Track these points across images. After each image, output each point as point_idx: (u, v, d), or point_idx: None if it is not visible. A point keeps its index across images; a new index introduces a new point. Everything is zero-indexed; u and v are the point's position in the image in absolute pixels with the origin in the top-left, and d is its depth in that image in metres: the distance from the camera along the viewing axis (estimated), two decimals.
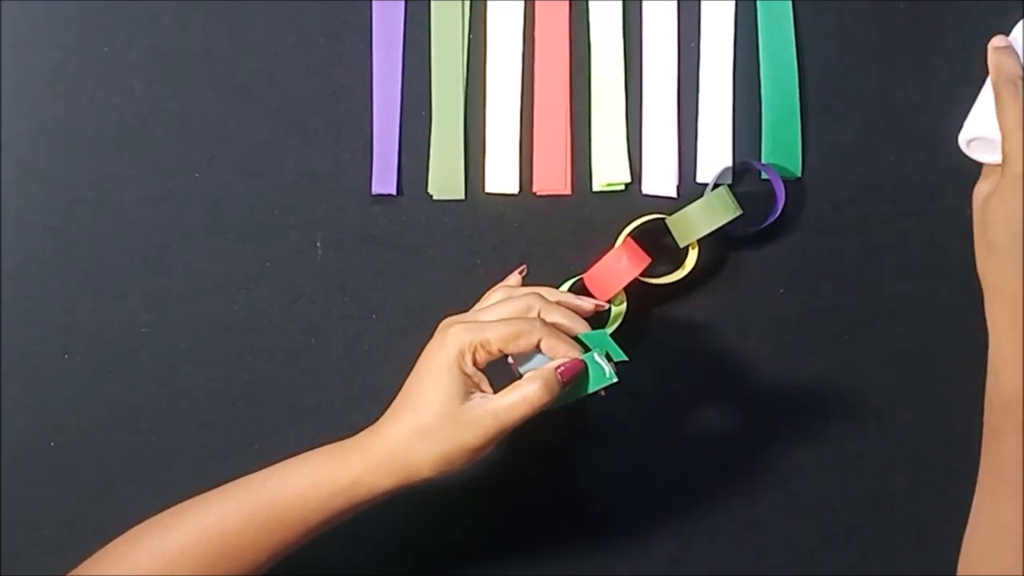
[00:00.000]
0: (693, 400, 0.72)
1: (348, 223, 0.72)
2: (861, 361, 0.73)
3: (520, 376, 0.59)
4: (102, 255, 0.72)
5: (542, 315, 0.60)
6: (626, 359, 0.60)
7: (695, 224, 0.70)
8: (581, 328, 0.61)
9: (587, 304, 0.64)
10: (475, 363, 0.58)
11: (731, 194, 0.70)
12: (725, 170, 0.73)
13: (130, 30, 0.73)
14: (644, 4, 0.74)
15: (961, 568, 0.63)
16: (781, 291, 0.73)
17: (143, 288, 0.72)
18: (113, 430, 0.71)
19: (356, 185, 0.73)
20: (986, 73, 0.68)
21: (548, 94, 0.74)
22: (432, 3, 0.74)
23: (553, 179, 0.73)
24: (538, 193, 0.73)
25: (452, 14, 0.74)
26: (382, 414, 0.60)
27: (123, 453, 0.71)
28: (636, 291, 0.70)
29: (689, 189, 0.73)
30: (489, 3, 0.74)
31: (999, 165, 0.65)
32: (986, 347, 0.68)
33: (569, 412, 0.67)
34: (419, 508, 0.69)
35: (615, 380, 0.59)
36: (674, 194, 0.73)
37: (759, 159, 0.73)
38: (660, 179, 0.73)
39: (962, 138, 0.69)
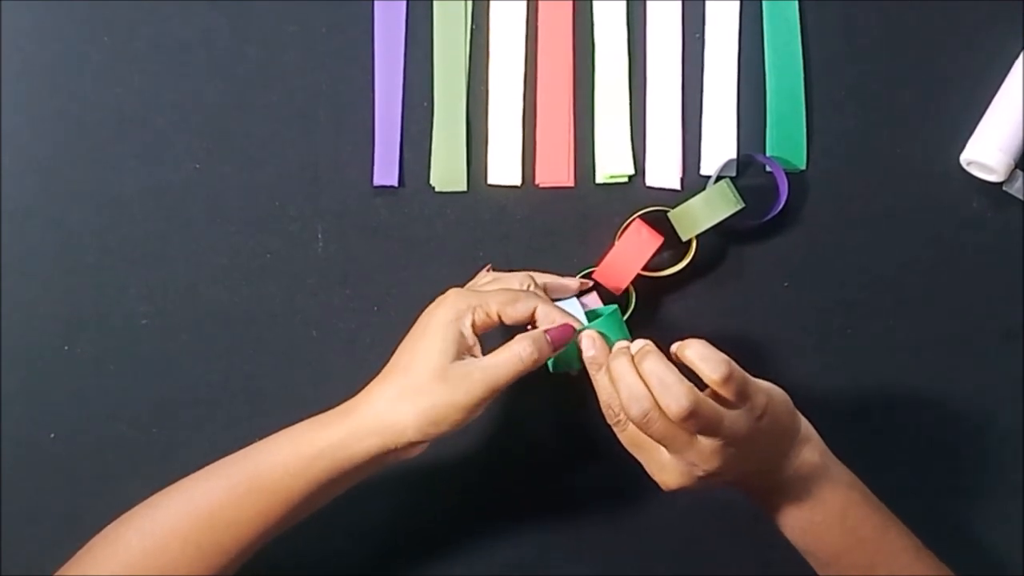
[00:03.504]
0: None
1: (350, 215, 0.72)
2: (864, 355, 0.73)
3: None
4: (102, 247, 0.71)
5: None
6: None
7: (697, 218, 0.69)
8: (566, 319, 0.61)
9: (572, 283, 0.66)
10: (473, 326, 0.58)
11: (733, 187, 0.70)
12: (729, 162, 0.72)
13: (131, 21, 0.72)
14: None
15: None
16: (785, 284, 0.73)
17: (143, 280, 0.71)
18: (113, 422, 0.71)
19: (358, 177, 0.72)
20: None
21: (551, 85, 0.73)
22: None
23: (556, 171, 0.73)
24: (541, 185, 0.73)
25: (455, 4, 0.73)
26: None
27: (123, 445, 0.71)
28: (638, 285, 0.70)
29: (693, 181, 0.73)
30: None
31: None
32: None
33: (569, 405, 0.67)
34: (408, 498, 0.70)
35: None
36: (678, 186, 0.73)
37: (763, 152, 0.73)
38: (664, 171, 0.73)
39: (963, 158, 0.72)
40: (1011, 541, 0.72)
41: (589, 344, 0.59)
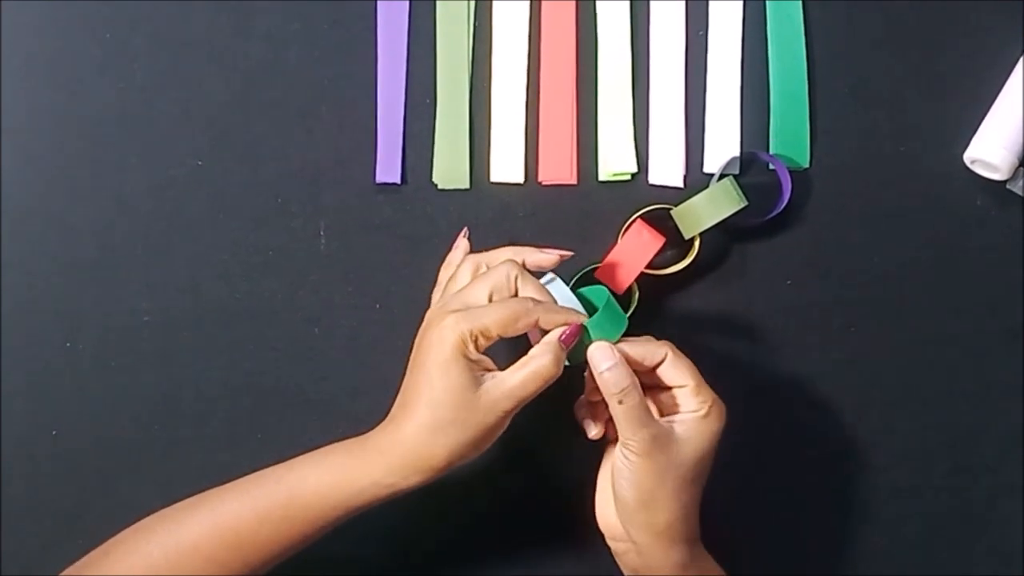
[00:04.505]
0: None
1: (352, 212, 0.72)
2: (867, 353, 0.73)
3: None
4: (104, 243, 0.71)
5: (518, 284, 0.60)
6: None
7: (700, 215, 0.69)
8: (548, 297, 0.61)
9: (552, 256, 0.63)
10: (476, 349, 0.58)
11: (736, 185, 0.69)
12: (732, 160, 0.72)
13: (132, 17, 0.72)
14: None
15: None
16: (788, 283, 0.73)
17: (145, 277, 0.71)
18: (115, 419, 0.71)
19: (360, 174, 0.72)
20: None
21: (554, 82, 0.73)
22: None
23: (559, 168, 0.73)
24: (544, 183, 0.73)
25: (457, 2, 0.73)
26: (386, 406, 0.60)
27: (125, 442, 0.71)
28: (640, 282, 0.70)
29: (696, 179, 0.73)
30: None
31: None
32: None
33: (568, 405, 0.67)
34: (414, 505, 0.69)
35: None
36: (681, 184, 0.72)
37: (767, 150, 0.73)
38: (667, 169, 0.73)
39: (967, 156, 0.72)
40: (1011, 541, 0.72)
41: (619, 377, 0.60)
